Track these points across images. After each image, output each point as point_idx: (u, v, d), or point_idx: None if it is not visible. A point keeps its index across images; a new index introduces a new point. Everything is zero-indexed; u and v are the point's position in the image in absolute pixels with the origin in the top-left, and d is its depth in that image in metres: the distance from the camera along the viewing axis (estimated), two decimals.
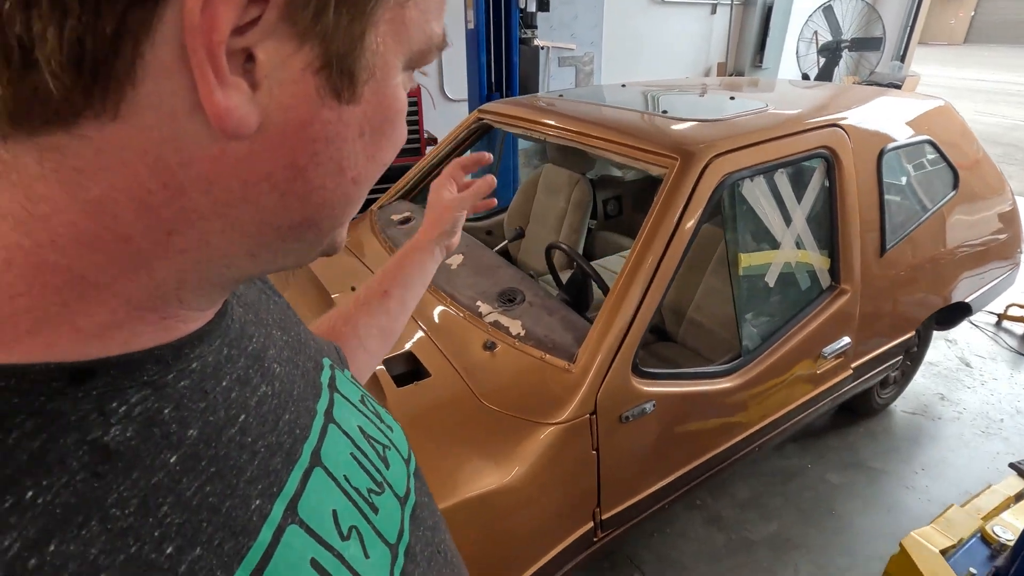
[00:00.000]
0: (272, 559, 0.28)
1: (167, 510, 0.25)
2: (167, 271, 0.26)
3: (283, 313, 0.45)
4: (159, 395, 0.27)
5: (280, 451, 0.32)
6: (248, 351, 0.34)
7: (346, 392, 0.45)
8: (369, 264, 1.84)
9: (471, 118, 2.21)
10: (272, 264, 0.31)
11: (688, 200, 1.36)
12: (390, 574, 0.37)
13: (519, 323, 1.40)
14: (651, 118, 1.67)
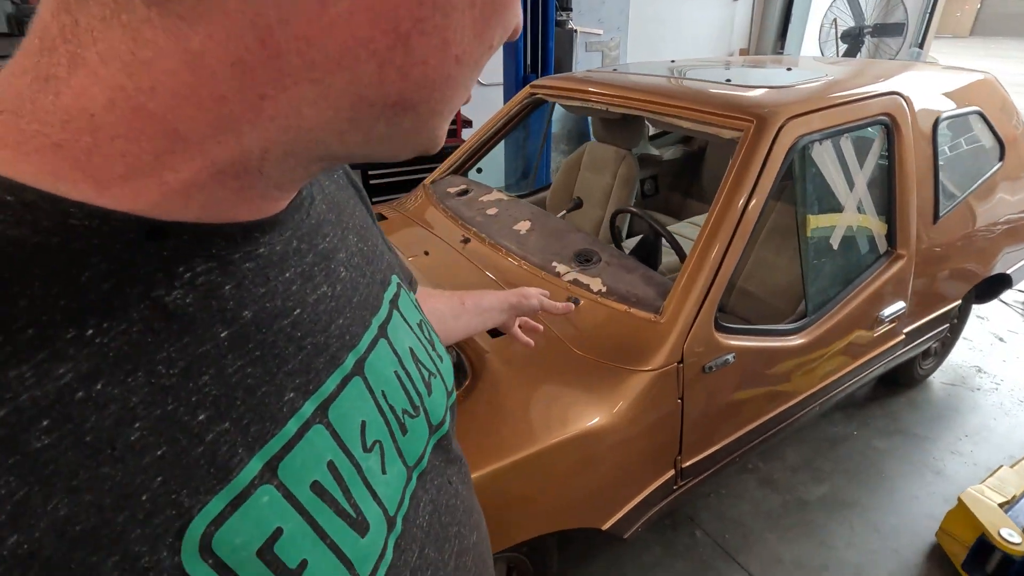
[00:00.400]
0: (292, 451, 0.29)
1: (207, 380, 0.26)
2: (255, 138, 0.25)
3: (365, 221, 0.45)
4: (224, 270, 0.27)
5: (325, 352, 0.33)
6: (318, 248, 0.34)
7: (406, 313, 0.45)
8: (435, 231, 1.89)
9: (523, 93, 2.25)
10: (362, 148, 0.29)
11: (765, 161, 1.40)
12: (401, 493, 0.38)
13: (599, 280, 1.45)
14: (717, 86, 1.71)
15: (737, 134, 1.47)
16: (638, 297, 1.37)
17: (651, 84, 1.81)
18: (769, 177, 1.40)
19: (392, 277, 0.45)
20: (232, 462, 0.26)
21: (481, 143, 2.33)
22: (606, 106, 1.85)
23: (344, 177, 0.48)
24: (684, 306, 1.30)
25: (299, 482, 0.29)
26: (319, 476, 0.30)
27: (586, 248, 1.57)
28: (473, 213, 1.92)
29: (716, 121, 1.52)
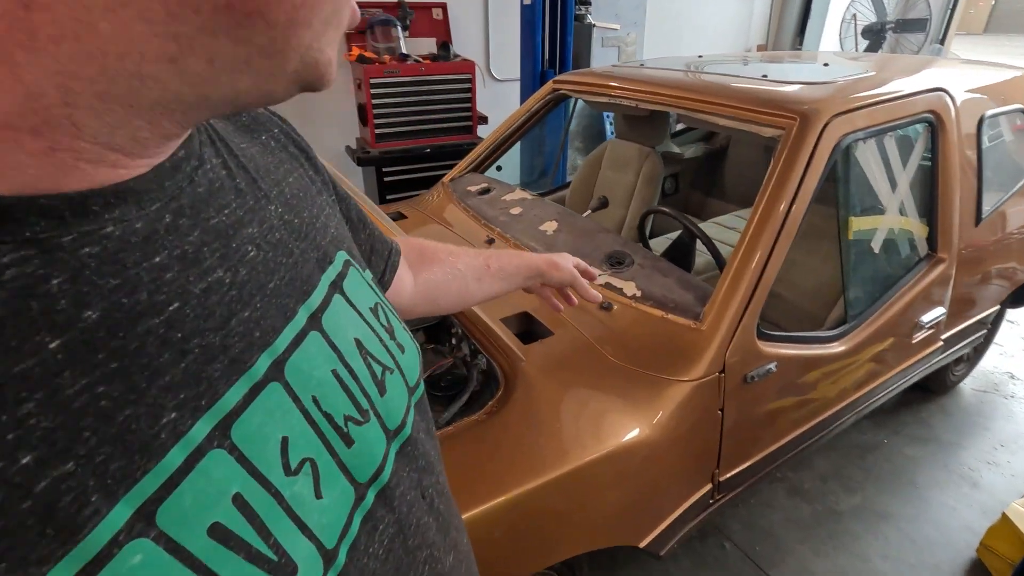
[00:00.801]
0: (177, 489, 0.22)
1: (32, 408, 0.19)
2: (40, 75, 0.19)
3: (302, 188, 0.38)
4: (46, 259, 0.21)
5: (223, 356, 0.26)
6: (210, 224, 0.28)
7: (355, 296, 0.38)
8: (457, 231, 1.83)
9: (546, 89, 2.19)
10: (216, 84, 0.23)
11: (809, 161, 1.34)
12: (347, 518, 0.31)
13: (632, 284, 1.39)
14: (753, 81, 1.64)
15: (779, 132, 1.41)
16: (676, 302, 1.31)
17: (682, 80, 1.74)
18: (813, 178, 1.34)
19: (338, 254, 0.38)
20: (81, 516, 0.20)
21: (502, 139, 2.27)
22: (635, 102, 1.79)
23: (281, 136, 0.41)
24: (726, 313, 1.24)
25: (190, 529, 0.23)
26: (220, 516, 0.24)
27: (618, 250, 1.51)
28: (496, 212, 1.87)
29: (756, 118, 1.46)
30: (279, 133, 0.41)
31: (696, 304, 1.30)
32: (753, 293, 1.27)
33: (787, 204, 1.31)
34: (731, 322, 1.24)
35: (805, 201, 1.33)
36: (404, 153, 3.10)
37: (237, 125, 0.38)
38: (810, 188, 1.33)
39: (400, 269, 0.60)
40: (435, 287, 0.67)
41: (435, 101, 3.10)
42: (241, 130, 0.38)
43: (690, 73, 1.86)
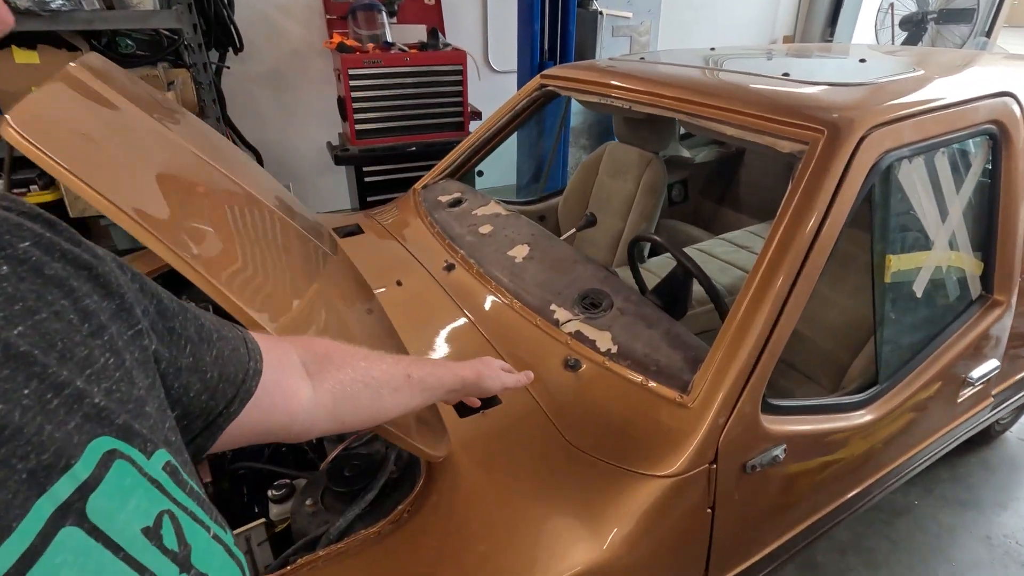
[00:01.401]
0: None
1: None
2: None
3: (55, 338, 0.28)
4: None
5: None
6: None
7: (112, 518, 0.27)
8: (415, 252, 1.57)
9: (532, 85, 1.90)
10: None
11: (838, 185, 1.04)
12: None
13: (608, 335, 1.11)
14: (771, 82, 1.34)
15: (800, 148, 1.11)
16: (659, 365, 1.03)
17: (686, 78, 1.44)
18: (843, 209, 1.04)
19: (95, 443, 0.27)
20: None
21: (482, 141, 1.99)
22: (629, 104, 1.49)
23: (34, 254, 0.30)
24: (722, 382, 0.96)
25: None
26: None
27: (595, 288, 1.23)
28: (464, 230, 1.60)
29: (771, 128, 1.16)
30: (28, 249, 0.30)
31: (685, 369, 1.01)
32: (759, 358, 0.98)
33: (806, 245, 1.01)
34: (728, 396, 0.96)
35: (831, 239, 1.03)
36: (387, 151, 2.83)
37: None
38: (838, 222, 1.04)
39: (286, 383, 0.52)
40: (341, 399, 0.58)
41: (422, 95, 2.82)
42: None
43: (698, 69, 1.55)
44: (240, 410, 0.47)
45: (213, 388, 0.44)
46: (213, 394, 0.44)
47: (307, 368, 0.56)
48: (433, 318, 1.28)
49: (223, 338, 0.47)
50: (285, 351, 0.55)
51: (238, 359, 0.47)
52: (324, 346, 0.60)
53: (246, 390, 0.47)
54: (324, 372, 0.57)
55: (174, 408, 0.40)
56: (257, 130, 3.06)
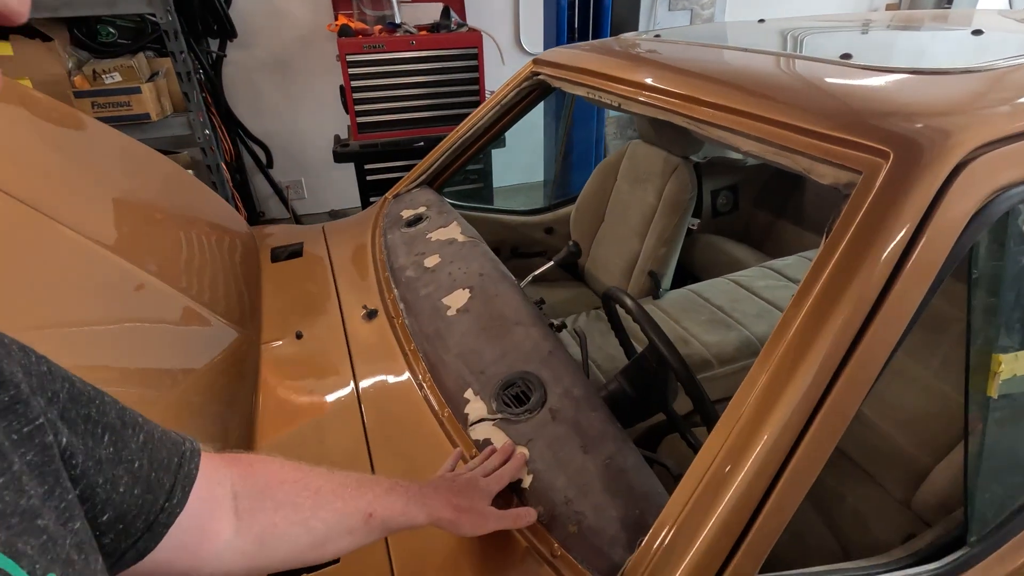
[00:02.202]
0: None
1: None
2: None
3: None
4: None
5: None
6: None
7: None
8: (343, 287, 1.26)
9: (523, 72, 1.52)
10: None
11: (911, 244, 0.61)
12: None
13: (523, 455, 0.75)
14: (819, 68, 0.89)
15: (851, 178, 0.68)
16: (583, 524, 0.66)
17: (698, 64, 1.02)
18: (914, 287, 0.61)
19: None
20: None
21: (465, 143, 1.64)
22: (617, 101, 1.09)
23: None
24: (675, 571, 0.57)
25: None
26: None
27: (525, 372, 0.86)
28: (408, 259, 1.27)
29: (803, 146, 0.73)
30: None
31: (620, 538, 0.63)
32: (755, 516, 0.59)
33: (848, 337, 0.60)
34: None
35: (886, 337, 0.61)
36: (389, 147, 2.54)
37: None
38: (904, 310, 0.61)
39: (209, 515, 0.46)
40: (270, 544, 0.50)
41: (431, 83, 2.50)
42: None
43: (722, 51, 1.12)
44: (184, 501, 0.43)
45: (145, 479, 0.40)
46: (147, 486, 0.40)
47: (237, 502, 0.49)
48: (309, 392, 0.97)
49: (149, 423, 0.43)
50: (214, 478, 0.48)
51: (170, 441, 0.44)
52: (266, 475, 0.53)
53: (186, 475, 0.44)
54: (256, 511, 0.50)
55: (104, 510, 0.37)
56: (263, 122, 2.87)
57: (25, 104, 1.18)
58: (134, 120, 2.12)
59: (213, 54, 2.57)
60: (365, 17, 2.54)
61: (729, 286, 1.69)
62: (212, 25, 2.41)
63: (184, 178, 1.42)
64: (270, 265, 1.38)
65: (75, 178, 1.02)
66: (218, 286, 1.17)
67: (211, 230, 1.35)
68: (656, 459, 0.84)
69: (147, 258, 0.99)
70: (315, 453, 0.86)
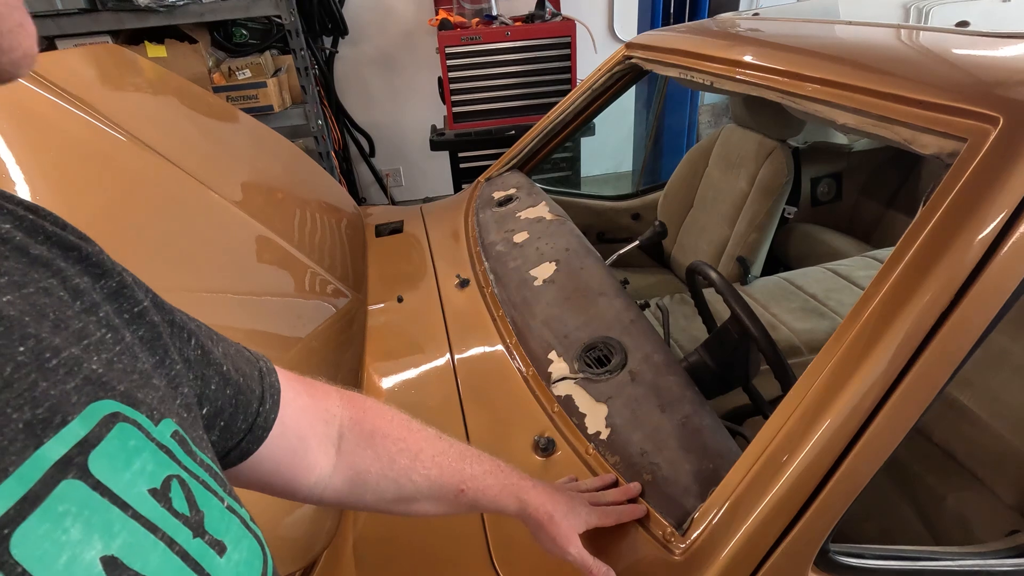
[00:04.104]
0: None
1: None
2: None
3: (38, 311, 0.27)
4: None
5: None
6: None
7: (115, 474, 0.26)
8: (440, 259, 1.36)
9: (616, 57, 1.55)
10: None
11: (1014, 217, 0.59)
12: None
13: (603, 411, 0.80)
14: (930, 37, 0.86)
15: (955, 147, 0.66)
16: (657, 474, 0.70)
17: (794, 40, 1.01)
18: (1018, 265, 0.59)
19: (95, 405, 0.27)
20: None
21: (556, 127, 1.70)
22: (710, 80, 1.10)
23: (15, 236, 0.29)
24: (741, 522, 0.60)
25: None
26: None
27: (608, 337, 0.90)
28: (498, 236, 1.35)
29: (904, 116, 0.71)
30: (10, 232, 0.29)
31: (692, 489, 0.67)
32: (826, 481, 0.60)
33: (942, 303, 0.59)
34: (749, 547, 0.60)
35: (981, 322, 0.59)
36: (482, 135, 2.65)
37: None
38: (1004, 289, 0.59)
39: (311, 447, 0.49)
40: (358, 489, 0.53)
41: (525, 73, 2.57)
42: None
43: (827, 26, 1.09)
44: (276, 409, 0.45)
45: (235, 382, 0.42)
46: (238, 388, 0.42)
47: (341, 442, 0.52)
48: (409, 348, 1.07)
49: (223, 338, 0.44)
50: (328, 413, 0.52)
51: (246, 356, 0.45)
52: (374, 424, 0.54)
53: (270, 384, 0.45)
54: (355, 456, 0.52)
55: (201, 405, 0.39)
56: (368, 113, 3.08)
57: (178, 95, 1.39)
58: (260, 111, 2.37)
59: (327, 51, 2.81)
60: (464, 11, 2.65)
61: (825, 275, 1.62)
62: (327, 24, 2.63)
63: (304, 160, 1.59)
64: (374, 240, 1.52)
65: (220, 155, 1.19)
66: (335, 255, 1.31)
67: (326, 206, 1.51)
68: (736, 429, 0.86)
69: (277, 225, 1.14)
70: (413, 400, 0.96)
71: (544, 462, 0.78)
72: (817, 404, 0.61)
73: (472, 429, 0.85)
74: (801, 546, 0.61)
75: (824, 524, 0.61)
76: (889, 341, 0.60)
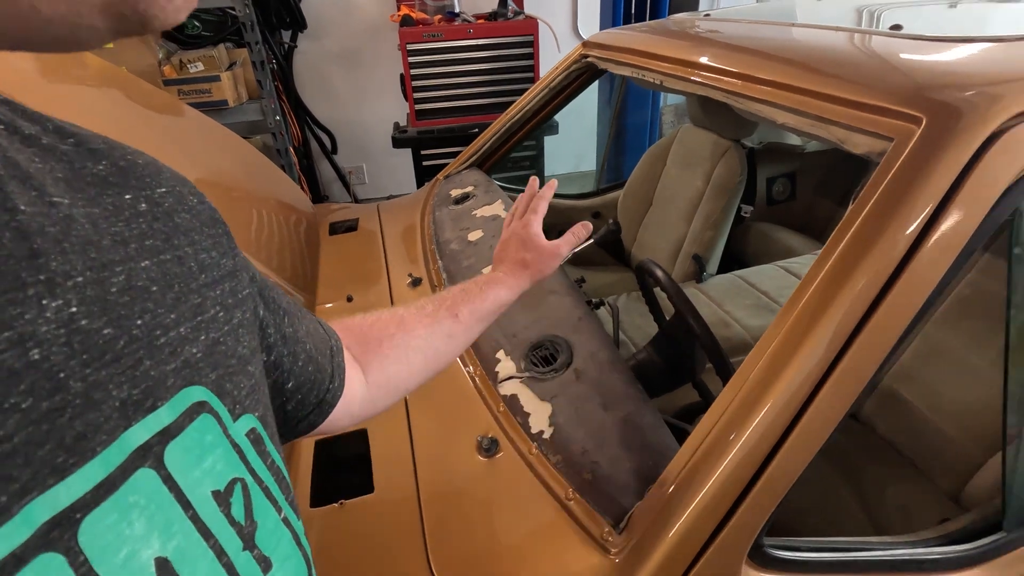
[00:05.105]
0: None
1: None
2: None
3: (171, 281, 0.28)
4: None
5: None
6: None
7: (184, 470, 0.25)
8: (393, 258, 1.34)
9: (572, 55, 1.55)
10: None
11: (936, 212, 0.61)
12: None
13: (548, 410, 0.79)
14: (868, 40, 0.88)
15: (883, 146, 0.68)
16: (596, 473, 0.69)
17: (738, 40, 1.02)
18: (947, 252, 0.61)
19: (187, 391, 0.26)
20: None
21: (514, 126, 1.69)
22: (660, 79, 1.10)
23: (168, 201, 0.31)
24: (676, 518, 0.60)
25: None
26: None
27: (553, 336, 0.90)
28: (453, 234, 1.33)
29: (838, 116, 0.73)
30: (164, 196, 0.30)
31: (631, 486, 0.67)
32: (752, 484, 0.61)
33: (864, 303, 0.60)
34: (683, 545, 0.60)
35: (904, 310, 0.61)
36: (444, 133, 2.62)
37: (81, 171, 0.27)
38: (929, 280, 0.61)
39: (347, 371, 0.49)
40: (394, 377, 0.55)
41: (488, 71, 2.55)
42: (86, 180, 0.27)
43: (771, 27, 1.11)
44: (341, 386, 0.47)
45: (315, 360, 0.44)
46: (317, 365, 0.44)
47: (353, 352, 0.53)
48: None
49: (305, 315, 0.46)
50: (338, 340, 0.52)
51: (321, 336, 0.47)
52: (358, 326, 0.56)
53: (338, 364, 0.47)
54: (367, 353, 0.54)
55: (288, 378, 0.41)
56: (329, 110, 3.02)
57: (123, 88, 1.33)
58: (214, 106, 2.30)
59: (285, 45, 2.74)
60: (426, 7, 2.62)
61: (778, 272, 1.65)
62: (285, 17, 2.57)
63: (255, 156, 1.54)
64: (328, 237, 1.49)
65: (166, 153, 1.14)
66: (284, 254, 1.27)
67: (277, 204, 1.47)
68: (683, 426, 0.86)
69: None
70: None
71: (487, 463, 0.77)
72: (751, 399, 0.61)
73: (416, 430, 0.84)
74: (735, 541, 0.62)
75: (757, 519, 0.62)
76: (821, 334, 0.61)
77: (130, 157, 0.30)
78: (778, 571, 0.65)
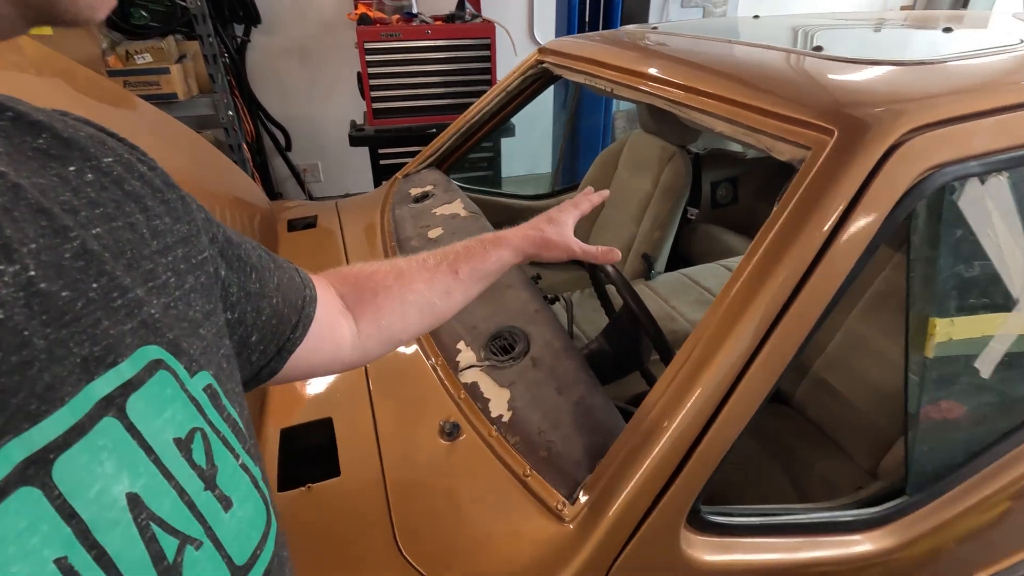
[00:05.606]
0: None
1: None
2: None
3: (125, 245, 0.30)
4: None
5: None
6: None
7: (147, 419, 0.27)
8: (353, 255, 1.36)
9: (529, 60, 1.61)
10: None
11: (846, 214, 0.69)
12: None
13: (506, 396, 0.84)
14: (793, 59, 0.97)
15: (803, 154, 0.76)
16: (552, 450, 0.75)
17: (681, 53, 1.10)
18: (855, 246, 0.70)
19: (143, 350, 0.28)
20: None
21: (472, 127, 1.74)
22: (609, 87, 1.18)
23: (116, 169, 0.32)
24: (621, 488, 0.67)
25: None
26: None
27: (512, 326, 0.95)
28: (413, 232, 1.37)
29: (766, 126, 0.81)
30: (112, 165, 0.32)
31: (583, 462, 0.73)
32: (690, 452, 0.68)
33: (780, 298, 0.68)
34: (629, 511, 0.67)
35: (824, 292, 0.69)
36: (402, 133, 2.64)
37: (21, 146, 0.28)
38: (840, 266, 0.70)
39: (328, 316, 0.52)
40: (387, 329, 0.56)
41: (445, 72, 2.59)
42: (27, 154, 0.28)
43: (711, 43, 1.20)
44: (304, 335, 0.48)
45: (280, 313, 0.45)
46: (281, 318, 0.46)
47: (345, 301, 0.55)
48: None
49: (280, 267, 0.48)
50: (327, 293, 0.54)
51: (295, 286, 0.48)
52: (353, 274, 0.58)
53: (307, 315, 0.48)
54: (361, 301, 0.55)
55: (252, 332, 0.42)
56: (284, 106, 2.98)
57: (65, 76, 1.30)
58: (162, 99, 2.24)
59: (238, 39, 2.69)
60: (383, 7, 2.63)
61: (720, 271, 1.76)
62: (238, 11, 2.52)
63: (210, 151, 1.53)
64: (287, 234, 1.49)
65: None
66: None
67: (236, 202, 1.46)
68: (629, 409, 0.93)
69: None
70: (319, 391, 0.96)
71: (449, 446, 0.81)
72: (688, 380, 0.68)
73: (380, 416, 0.87)
74: (674, 507, 0.69)
75: (693, 486, 0.69)
76: (748, 321, 0.69)
77: (71, 130, 0.31)
78: (712, 533, 0.73)
